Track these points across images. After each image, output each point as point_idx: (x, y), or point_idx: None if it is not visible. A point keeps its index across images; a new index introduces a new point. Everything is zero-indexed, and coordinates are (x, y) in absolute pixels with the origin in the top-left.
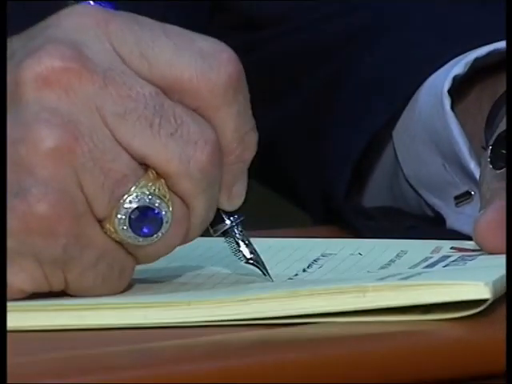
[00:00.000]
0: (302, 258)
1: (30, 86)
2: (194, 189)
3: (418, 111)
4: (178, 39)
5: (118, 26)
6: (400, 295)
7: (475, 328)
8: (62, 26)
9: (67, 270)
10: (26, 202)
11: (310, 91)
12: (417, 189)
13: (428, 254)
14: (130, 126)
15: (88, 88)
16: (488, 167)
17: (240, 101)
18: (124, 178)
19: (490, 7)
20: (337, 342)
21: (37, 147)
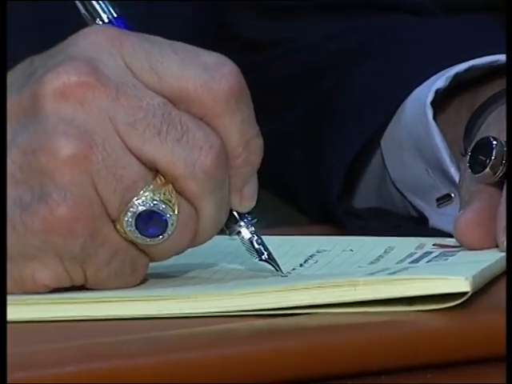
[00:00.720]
0: (299, 254)
1: (48, 99)
2: (200, 190)
3: (404, 121)
4: (185, 54)
5: (130, 44)
6: (388, 289)
7: (456, 318)
8: (79, 44)
9: (85, 266)
10: (48, 206)
11: (306, 106)
12: (402, 191)
13: (413, 250)
14: (139, 133)
15: (101, 100)
16: (467, 172)
17: (242, 109)
18: (134, 183)
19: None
20: (330, 331)
21: (56, 156)
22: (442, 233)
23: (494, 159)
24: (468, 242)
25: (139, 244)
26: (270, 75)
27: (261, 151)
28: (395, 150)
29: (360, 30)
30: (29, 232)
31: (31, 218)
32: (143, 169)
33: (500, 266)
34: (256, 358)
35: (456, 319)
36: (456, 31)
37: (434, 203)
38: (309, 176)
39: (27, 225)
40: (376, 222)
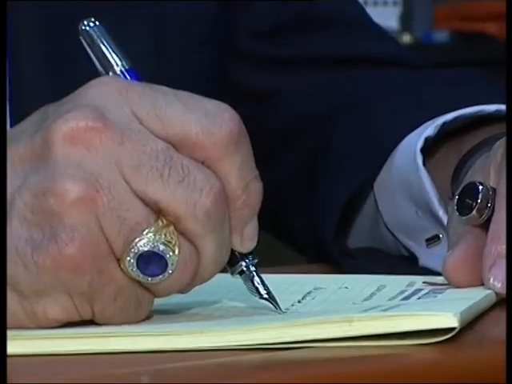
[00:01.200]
0: (298, 291)
1: (58, 144)
2: (200, 230)
3: (395, 167)
4: (187, 102)
5: (137, 93)
6: (380, 324)
7: (445, 352)
8: (88, 93)
9: (93, 302)
10: (57, 245)
11: (303, 152)
12: (394, 232)
13: (404, 288)
14: (143, 176)
15: (107, 145)
16: (455, 214)
17: (241, 152)
18: (137, 225)
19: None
20: (327, 363)
21: (64, 198)
22: (431, 271)
23: (480, 202)
24: (456, 280)
25: (142, 282)
26: (269, 123)
27: (260, 194)
28: (387, 194)
29: (354, 83)
30: (40, 270)
31: (42, 257)
32: (146, 210)
33: (485, 302)
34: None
35: (445, 353)
36: (443, 84)
37: (424, 243)
38: (306, 219)
39: (38, 263)
40: (369, 261)
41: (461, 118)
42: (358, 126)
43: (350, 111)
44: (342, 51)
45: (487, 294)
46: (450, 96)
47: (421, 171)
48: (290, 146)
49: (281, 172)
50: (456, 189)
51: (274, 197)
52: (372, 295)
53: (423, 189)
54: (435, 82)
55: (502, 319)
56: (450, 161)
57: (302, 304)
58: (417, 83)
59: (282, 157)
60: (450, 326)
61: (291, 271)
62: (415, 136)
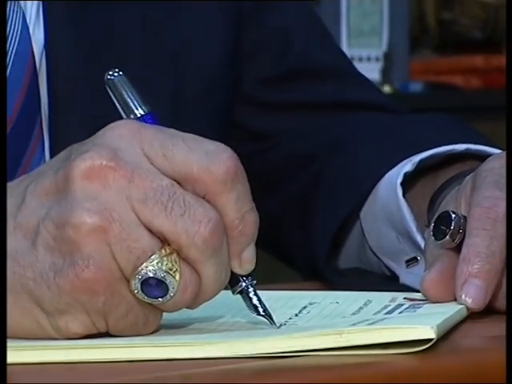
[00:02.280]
0: (295, 306)
1: (76, 180)
2: (199, 257)
3: (379, 198)
4: (191, 143)
5: (148, 136)
6: (367, 336)
7: (423, 360)
8: (106, 135)
9: (107, 318)
10: (75, 271)
11: (298, 185)
12: (377, 255)
13: (387, 303)
14: (150, 209)
15: (119, 181)
16: (431, 239)
17: (238, 188)
18: (143, 253)
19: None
20: (319, 370)
21: (80, 229)
22: (410, 288)
23: (453, 229)
24: (432, 296)
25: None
26: (271, 159)
27: (256, 223)
28: (372, 222)
29: (345, 125)
30: (61, 291)
31: (62, 280)
32: (152, 240)
33: (458, 316)
34: None
35: (423, 360)
36: (419, 126)
37: (404, 264)
38: (302, 241)
39: (59, 285)
40: (357, 280)
41: (435, 156)
42: (347, 162)
43: (341, 149)
44: (333, 98)
45: (460, 308)
46: (426, 137)
47: (401, 202)
48: (289, 178)
49: (281, 201)
50: (431, 217)
51: (275, 222)
52: (360, 309)
53: (403, 217)
54: (413, 124)
55: (473, 330)
56: (426, 193)
57: (298, 317)
58: (397, 126)
59: (282, 188)
60: (428, 337)
61: (289, 287)
62: (396, 171)
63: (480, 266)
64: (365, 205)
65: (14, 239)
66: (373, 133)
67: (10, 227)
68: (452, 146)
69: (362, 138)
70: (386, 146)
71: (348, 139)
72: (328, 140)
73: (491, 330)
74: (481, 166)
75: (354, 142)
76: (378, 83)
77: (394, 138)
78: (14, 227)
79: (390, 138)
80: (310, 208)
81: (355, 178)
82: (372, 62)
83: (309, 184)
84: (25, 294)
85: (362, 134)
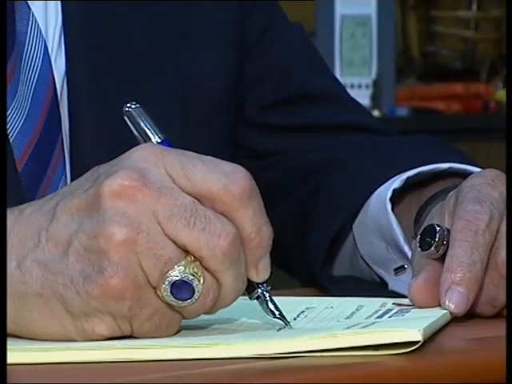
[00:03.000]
0: (293, 310)
1: (107, 197)
2: (219, 267)
3: (370, 212)
4: (209, 164)
5: (170, 157)
6: (360, 339)
7: (411, 359)
8: (132, 157)
9: (132, 321)
10: (104, 277)
11: (297, 199)
12: (369, 264)
13: (377, 308)
14: (174, 224)
15: (147, 199)
16: (417, 250)
17: (253, 204)
18: (169, 260)
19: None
20: (316, 369)
21: (111, 240)
22: (398, 294)
23: (437, 240)
24: (418, 302)
25: (174, 305)
26: (272, 176)
27: (270, 236)
28: (363, 233)
29: (340, 145)
30: (89, 296)
31: (91, 286)
32: (177, 250)
33: (442, 320)
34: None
35: (411, 361)
36: (406, 147)
37: (392, 272)
38: (300, 251)
39: (88, 291)
40: (350, 286)
41: (421, 174)
42: (341, 179)
43: (335, 167)
44: (329, 120)
45: (444, 313)
46: (412, 156)
47: (390, 216)
48: (288, 193)
49: (281, 214)
50: (418, 229)
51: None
52: (352, 314)
53: (392, 229)
54: (400, 145)
55: (456, 333)
56: (412, 207)
57: (296, 321)
58: (386, 146)
59: (282, 202)
60: (415, 339)
61: (288, 294)
62: (385, 188)
63: (462, 274)
64: (357, 218)
65: (47, 250)
66: (364, 152)
67: (43, 239)
68: (436, 164)
69: (354, 157)
70: (377, 165)
71: (342, 158)
72: (324, 159)
73: (473, 333)
74: (463, 183)
75: (347, 161)
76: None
77: (383, 157)
78: (46, 239)
79: (380, 157)
80: (307, 220)
81: (348, 193)
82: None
83: (306, 198)
84: (54, 299)
85: (355, 154)
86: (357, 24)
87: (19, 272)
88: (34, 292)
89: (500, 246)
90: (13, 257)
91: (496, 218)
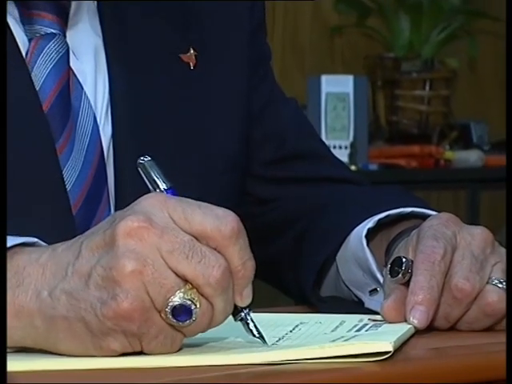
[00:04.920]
0: (289, 324)
1: (120, 236)
2: (212, 293)
3: (350, 246)
4: (205, 209)
5: (172, 204)
6: (342, 349)
7: (384, 365)
8: (141, 204)
9: (141, 339)
10: (116, 302)
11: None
12: (349, 287)
13: (356, 322)
14: (175, 258)
15: (152, 238)
16: (388, 276)
17: (240, 242)
18: (171, 288)
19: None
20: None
21: (122, 271)
22: (372, 311)
23: (403, 269)
24: (389, 318)
25: (175, 326)
26: (270, 218)
27: (253, 269)
28: (344, 263)
29: (325, 193)
30: (105, 318)
31: (107, 310)
32: (177, 279)
33: (408, 333)
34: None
35: (383, 367)
36: (378, 194)
37: (367, 294)
38: (294, 277)
39: (104, 314)
40: (334, 305)
41: (390, 216)
42: (327, 220)
43: (322, 211)
44: (316, 174)
45: (409, 327)
46: (382, 202)
47: (365, 249)
48: (284, 231)
49: (279, 248)
50: (388, 260)
51: (275, 263)
52: (336, 327)
53: (367, 260)
54: (373, 193)
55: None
56: (383, 243)
57: (292, 333)
58: (362, 194)
59: (280, 238)
60: (387, 350)
61: (284, 310)
62: (361, 227)
63: (423, 296)
64: (339, 251)
65: (72, 281)
66: (345, 199)
67: (69, 272)
68: (401, 209)
69: (337, 203)
70: (355, 209)
71: (327, 203)
72: (313, 204)
73: (432, 343)
74: (423, 223)
75: (331, 206)
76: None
77: (360, 203)
78: (72, 272)
79: (357, 203)
80: (299, 253)
81: (333, 232)
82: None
83: (299, 236)
84: (77, 321)
85: (337, 200)
86: (338, 100)
87: (49, 299)
88: (60, 315)
89: (452, 274)
90: (45, 287)
91: (449, 252)
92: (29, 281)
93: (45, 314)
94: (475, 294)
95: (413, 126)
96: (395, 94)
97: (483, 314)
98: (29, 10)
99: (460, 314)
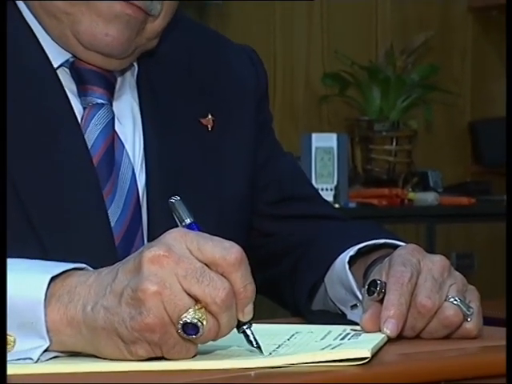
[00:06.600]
0: (286, 333)
1: (145, 263)
2: (218, 311)
3: (335, 270)
4: (216, 242)
5: (190, 237)
6: (329, 355)
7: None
8: (165, 237)
9: (162, 348)
10: (141, 317)
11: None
12: (334, 302)
13: (340, 332)
14: (189, 281)
15: (170, 265)
16: (365, 295)
17: (242, 269)
18: (184, 307)
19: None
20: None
21: (146, 292)
22: (353, 322)
23: (378, 290)
24: (367, 329)
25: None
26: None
27: (253, 291)
28: (331, 283)
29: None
30: (133, 330)
31: (134, 323)
32: (190, 300)
33: (382, 342)
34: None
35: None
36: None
37: (349, 308)
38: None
39: (132, 326)
40: (323, 317)
41: (367, 246)
42: (316, 250)
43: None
44: (308, 212)
45: (383, 336)
46: (361, 234)
47: (348, 273)
48: (282, 259)
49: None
50: (365, 282)
51: (275, 284)
52: (325, 336)
53: (349, 281)
54: (353, 227)
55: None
56: (361, 267)
57: (289, 341)
58: (345, 228)
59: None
60: (366, 355)
61: (282, 321)
62: (345, 255)
63: (394, 311)
64: (327, 274)
65: (109, 299)
66: (331, 232)
67: (107, 292)
68: (376, 240)
69: (325, 236)
70: (339, 240)
71: (318, 235)
72: (305, 237)
73: (402, 349)
74: (394, 252)
75: (320, 238)
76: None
77: (343, 235)
78: (109, 292)
79: (341, 235)
80: (295, 275)
81: (321, 259)
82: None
83: (294, 262)
84: (112, 331)
85: (325, 233)
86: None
87: (92, 313)
88: (100, 326)
89: (417, 293)
90: (90, 302)
91: (415, 275)
92: (78, 298)
93: (89, 324)
94: (435, 310)
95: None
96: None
97: (442, 325)
98: (84, 84)
99: (423, 326)
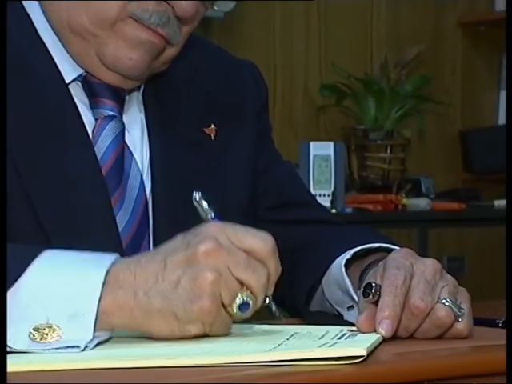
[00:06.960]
0: (287, 333)
1: (201, 255)
2: (259, 292)
3: (332, 272)
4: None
5: (229, 231)
6: (327, 353)
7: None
8: (208, 230)
9: (212, 326)
10: (202, 301)
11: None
12: (331, 303)
13: (337, 332)
14: (238, 270)
15: (222, 256)
16: (361, 297)
17: (276, 255)
18: (234, 291)
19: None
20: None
21: (205, 280)
22: (350, 323)
23: (373, 292)
24: (363, 329)
25: (236, 317)
26: None
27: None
28: (328, 285)
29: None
30: (192, 312)
31: (191, 306)
32: (238, 285)
33: (378, 341)
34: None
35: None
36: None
37: (346, 309)
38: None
39: (192, 309)
40: (320, 318)
41: (363, 250)
42: (314, 253)
43: (311, 246)
44: (306, 217)
45: (378, 336)
46: (357, 239)
47: (344, 275)
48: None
49: None
50: (361, 284)
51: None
52: (322, 336)
53: (345, 283)
54: (349, 231)
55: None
56: (357, 270)
57: (289, 340)
58: (341, 232)
59: None
60: (362, 354)
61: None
62: (341, 258)
63: (389, 312)
64: (324, 276)
65: (163, 285)
66: (329, 237)
67: (160, 279)
68: (371, 244)
69: (323, 239)
70: (336, 244)
71: (316, 239)
72: (304, 241)
73: (396, 349)
74: (388, 256)
75: (318, 242)
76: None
77: (340, 239)
78: (162, 279)
79: (338, 239)
80: (294, 277)
81: (319, 261)
82: (326, 197)
83: (293, 265)
84: (169, 313)
85: (322, 237)
86: (322, 160)
87: (146, 298)
88: (156, 309)
89: (411, 295)
90: (140, 288)
91: (408, 278)
92: (127, 284)
93: (142, 308)
94: (428, 311)
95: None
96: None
97: (434, 325)
98: (95, 97)
99: (417, 326)
